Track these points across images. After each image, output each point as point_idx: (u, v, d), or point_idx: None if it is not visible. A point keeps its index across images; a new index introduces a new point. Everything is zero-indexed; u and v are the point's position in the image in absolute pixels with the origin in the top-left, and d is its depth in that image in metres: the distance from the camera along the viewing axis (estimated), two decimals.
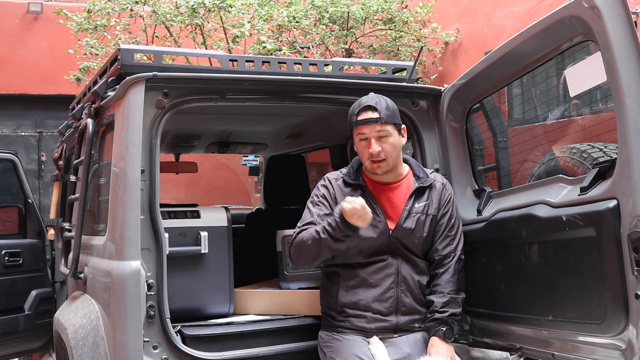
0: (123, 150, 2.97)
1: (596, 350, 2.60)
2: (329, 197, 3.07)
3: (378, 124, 2.95)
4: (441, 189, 3.14)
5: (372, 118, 2.96)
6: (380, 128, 2.96)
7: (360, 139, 3.01)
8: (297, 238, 3.01)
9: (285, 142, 5.12)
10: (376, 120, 2.95)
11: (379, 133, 2.96)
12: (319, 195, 3.09)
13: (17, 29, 10.30)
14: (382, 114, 2.96)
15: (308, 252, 2.97)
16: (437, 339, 2.96)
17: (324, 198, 3.07)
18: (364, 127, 2.97)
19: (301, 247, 2.99)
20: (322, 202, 3.06)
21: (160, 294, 2.92)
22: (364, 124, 2.97)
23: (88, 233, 3.48)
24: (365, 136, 2.98)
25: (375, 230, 3.00)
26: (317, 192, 3.11)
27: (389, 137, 2.97)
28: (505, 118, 5.20)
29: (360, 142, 3.02)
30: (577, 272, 2.63)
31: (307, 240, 2.94)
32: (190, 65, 5.78)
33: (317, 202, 3.07)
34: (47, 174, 10.06)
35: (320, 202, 3.06)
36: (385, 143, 2.97)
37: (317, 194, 3.11)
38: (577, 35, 2.67)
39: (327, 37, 8.27)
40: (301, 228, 3.03)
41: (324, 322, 3.14)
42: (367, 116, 2.97)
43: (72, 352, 3.13)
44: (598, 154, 3.48)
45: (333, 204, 3.03)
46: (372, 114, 2.96)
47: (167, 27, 7.88)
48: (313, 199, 3.10)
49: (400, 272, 3.03)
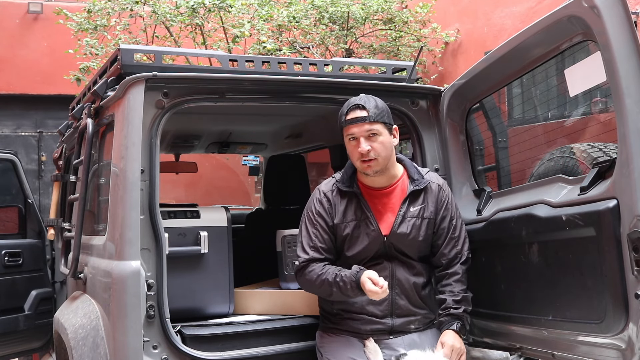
0: (123, 150, 2.97)
1: (596, 350, 2.60)
2: (324, 213, 3.02)
3: (367, 122, 2.92)
4: (437, 190, 3.08)
5: (360, 117, 2.93)
6: (369, 127, 2.93)
7: (349, 139, 2.97)
8: (308, 275, 2.97)
9: (285, 142, 5.12)
10: (364, 118, 2.92)
11: (368, 132, 2.93)
12: (314, 213, 3.03)
13: (17, 29, 10.30)
14: (370, 112, 2.92)
15: (317, 292, 3.05)
16: (451, 332, 2.94)
17: (320, 216, 3.02)
18: (352, 126, 2.94)
19: (311, 286, 3.01)
20: (319, 222, 3.01)
21: (160, 294, 2.92)
22: (352, 123, 2.94)
23: (88, 233, 3.48)
24: (355, 135, 2.95)
25: (369, 239, 2.99)
26: (313, 209, 3.05)
27: (378, 136, 2.93)
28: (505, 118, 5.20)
29: (350, 142, 2.98)
30: (577, 272, 2.63)
31: (318, 284, 2.95)
32: (190, 65, 5.78)
33: (315, 222, 3.02)
34: (47, 174, 10.06)
35: (317, 222, 3.02)
36: (374, 142, 2.93)
37: (312, 210, 3.05)
38: (576, 35, 2.67)
39: (327, 37, 8.27)
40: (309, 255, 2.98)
41: (321, 323, 3.14)
42: (355, 115, 2.94)
43: (72, 352, 3.13)
44: (598, 153, 3.48)
45: (330, 219, 3.01)
46: (361, 113, 2.93)
47: (167, 27, 7.88)
48: (309, 216, 3.05)
49: (395, 274, 3.01)
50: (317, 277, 2.94)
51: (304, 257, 3.00)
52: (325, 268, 2.94)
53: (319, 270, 2.95)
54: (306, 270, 2.98)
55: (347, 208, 3.01)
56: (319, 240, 3.00)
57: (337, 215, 3.01)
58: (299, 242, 3.06)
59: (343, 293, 2.89)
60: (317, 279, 2.94)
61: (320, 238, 3.00)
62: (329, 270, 2.93)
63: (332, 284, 2.89)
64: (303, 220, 3.08)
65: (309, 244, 3.00)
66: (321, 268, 2.95)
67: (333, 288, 2.89)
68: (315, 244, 3.00)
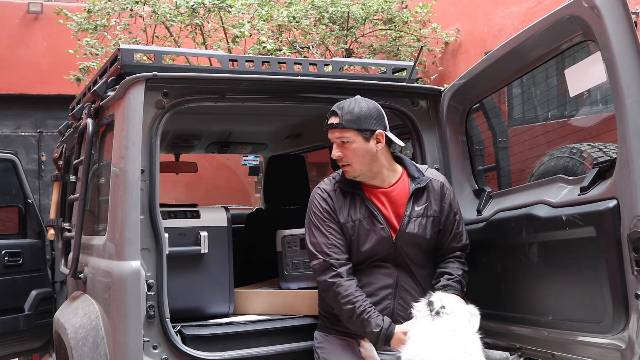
0: (123, 150, 2.97)
1: (596, 350, 2.60)
2: (331, 211, 2.98)
3: (337, 129, 2.93)
4: (439, 187, 3.07)
5: (332, 123, 2.95)
6: (339, 134, 2.93)
7: (331, 142, 3.02)
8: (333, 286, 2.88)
9: (285, 142, 5.12)
10: (335, 125, 2.93)
11: (339, 139, 2.94)
12: (321, 211, 2.98)
13: (17, 29, 10.30)
14: (342, 120, 2.91)
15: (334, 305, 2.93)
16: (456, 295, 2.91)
17: (328, 214, 2.97)
18: (328, 131, 2.98)
19: (333, 299, 2.91)
20: (329, 219, 2.96)
21: (160, 294, 2.92)
22: (327, 129, 2.98)
23: (88, 233, 3.48)
24: (331, 141, 2.99)
25: (378, 237, 2.95)
26: (319, 207, 2.99)
27: (350, 143, 2.92)
28: (505, 118, 5.20)
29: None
30: (577, 272, 2.63)
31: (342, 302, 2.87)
32: (190, 65, 5.79)
33: (325, 219, 2.97)
34: (47, 174, 10.06)
35: (327, 219, 2.96)
36: (346, 149, 2.93)
37: (319, 209, 2.99)
38: (577, 35, 2.67)
39: (327, 37, 8.27)
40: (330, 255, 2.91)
41: (320, 323, 3.13)
42: (330, 121, 2.96)
43: (72, 352, 3.13)
44: (598, 154, 3.49)
45: (335, 216, 2.97)
46: (333, 120, 2.94)
47: (167, 27, 7.88)
48: (318, 215, 2.98)
49: (399, 284, 2.98)
50: (345, 295, 2.86)
51: (324, 258, 2.91)
52: (358, 293, 2.87)
53: (349, 289, 2.87)
54: (331, 276, 2.89)
55: (351, 207, 2.98)
56: (335, 237, 2.94)
57: (342, 214, 2.97)
58: (311, 243, 2.97)
59: (357, 327, 2.87)
60: (343, 303, 2.87)
61: (334, 235, 2.94)
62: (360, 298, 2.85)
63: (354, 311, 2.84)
64: (310, 221, 3.00)
65: (326, 243, 2.93)
66: (353, 288, 2.87)
67: (353, 317, 2.84)
68: (333, 242, 2.93)
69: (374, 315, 2.83)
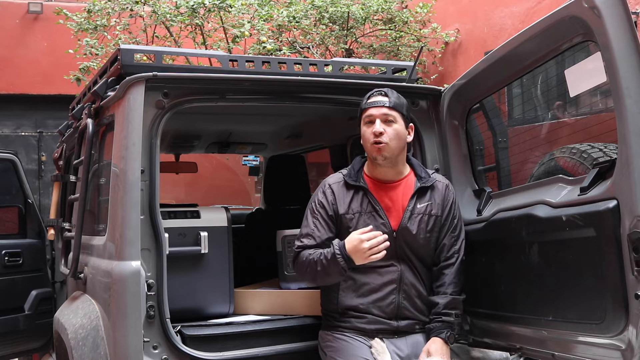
0: (123, 150, 2.97)
1: (596, 351, 2.59)
2: (327, 204, 3.05)
3: (385, 106, 3.02)
4: (443, 189, 3.13)
5: (381, 101, 3.03)
6: (387, 111, 3.01)
7: (366, 121, 3.05)
8: (299, 260, 3.05)
9: (285, 142, 5.12)
10: (384, 102, 3.02)
11: (385, 116, 3.01)
12: (316, 203, 3.09)
13: (17, 29, 10.29)
14: (391, 99, 3.03)
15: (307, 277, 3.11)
16: (439, 340, 2.96)
17: (322, 207, 3.06)
18: (371, 108, 3.03)
19: (302, 273, 3.08)
20: (320, 212, 3.06)
21: (160, 294, 2.92)
22: (372, 106, 3.03)
23: (88, 233, 3.48)
24: (372, 118, 3.02)
25: (380, 231, 2.97)
26: (316, 200, 3.11)
27: (394, 123, 3.01)
28: (505, 118, 5.20)
29: (365, 125, 3.05)
30: (577, 272, 2.63)
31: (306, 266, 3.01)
32: (190, 65, 5.79)
33: (316, 212, 3.07)
34: (47, 174, 10.05)
35: (318, 212, 3.06)
36: (389, 127, 3.01)
37: (315, 201, 3.11)
38: (577, 36, 2.67)
39: (327, 37, 8.27)
40: (302, 243, 3.04)
41: (324, 322, 3.14)
42: (376, 99, 3.04)
43: (72, 352, 3.13)
44: (598, 154, 3.49)
45: (332, 210, 3.04)
46: (382, 98, 3.04)
47: (167, 27, 7.87)
48: (312, 207, 3.10)
49: (403, 279, 3.02)
50: (305, 259, 3.00)
51: (298, 244, 3.07)
52: (316, 250, 2.99)
53: (308, 253, 3.00)
54: (300, 258, 3.04)
55: (353, 200, 3.04)
56: (317, 229, 3.03)
57: (343, 206, 3.03)
58: (301, 227, 3.11)
59: (327, 270, 2.93)
60: (305, 262, 3.00)
61: (317, 227, 3.03)
62: (318, 251, 2.98)
63: (316, 263, 2.94)
64: (306, 211, 3.12)
65: (306, 233, 3.06)
66: (312, 252, 3.00)
67: (317, 267, 2.94)
68: (311, 233, 3.04)
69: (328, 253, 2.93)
